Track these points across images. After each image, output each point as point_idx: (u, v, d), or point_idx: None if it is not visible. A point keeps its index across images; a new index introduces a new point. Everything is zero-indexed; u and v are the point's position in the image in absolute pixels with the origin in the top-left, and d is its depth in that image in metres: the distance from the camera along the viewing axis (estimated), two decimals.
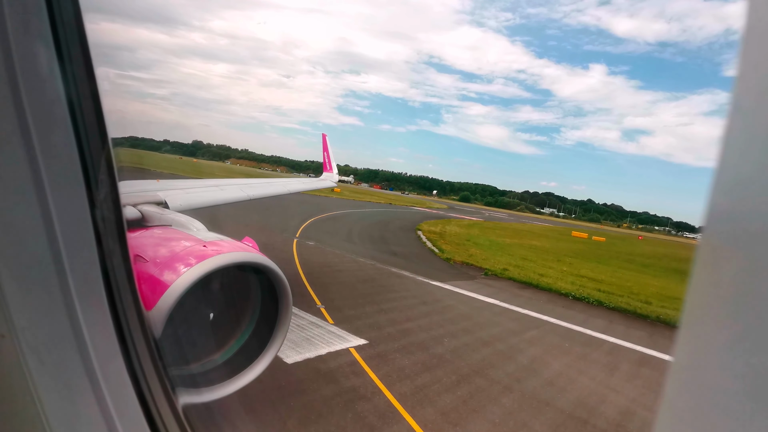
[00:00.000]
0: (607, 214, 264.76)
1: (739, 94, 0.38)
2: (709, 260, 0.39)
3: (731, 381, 0.37)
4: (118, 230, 0.92)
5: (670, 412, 0.42)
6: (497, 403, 6.15)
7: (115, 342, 0.91)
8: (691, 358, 0.41)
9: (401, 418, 5.35)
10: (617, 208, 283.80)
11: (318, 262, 12.99)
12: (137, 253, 1.68)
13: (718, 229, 0.39)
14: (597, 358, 8.63)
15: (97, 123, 0.85)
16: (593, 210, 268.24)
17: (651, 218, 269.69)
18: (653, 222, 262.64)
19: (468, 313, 10.49)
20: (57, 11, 0.76)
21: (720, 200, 0.39)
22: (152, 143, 22.78)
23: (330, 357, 6.74)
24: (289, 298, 1.92)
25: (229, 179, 5.92)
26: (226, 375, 1.76)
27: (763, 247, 0.35)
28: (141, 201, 2.69)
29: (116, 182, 0.91)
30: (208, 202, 4.39)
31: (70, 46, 0.79)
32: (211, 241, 1.87)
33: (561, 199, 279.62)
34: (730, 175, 0.38)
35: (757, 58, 0.37)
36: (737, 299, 0.37)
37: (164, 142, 39.13)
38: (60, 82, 0.77)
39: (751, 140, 0.37)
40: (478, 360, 7.69)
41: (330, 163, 11.68)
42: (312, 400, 5.38)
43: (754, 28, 0.37)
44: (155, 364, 1.04)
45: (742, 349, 0.37)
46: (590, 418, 6.17)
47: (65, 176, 0.79)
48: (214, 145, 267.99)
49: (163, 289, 1.50)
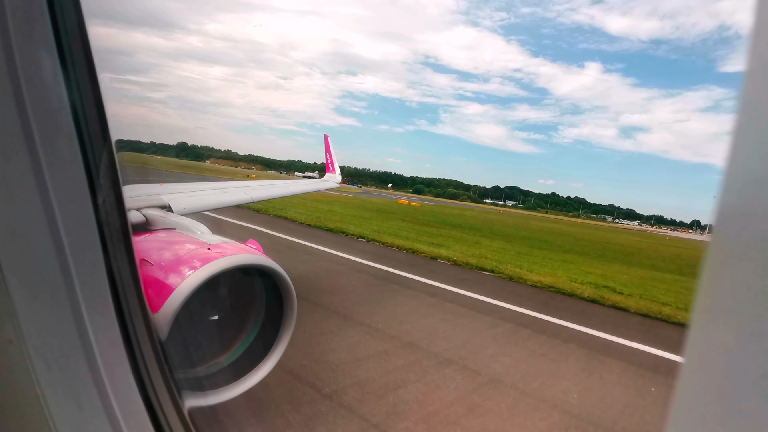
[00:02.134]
0: (563, 205, 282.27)
1: (749, 89, 0.37)
2: (720, 259, 0.39)
3: (742, 382, 0.37)
4: (123, 234, 0.92)
5: (681, 413, 0.41)
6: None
7: (122, 346, 0.91)
8: (701, 359, 0.40)
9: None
10: (581, 200, 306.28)
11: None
12: (142, 257, 1.69)
13: (728, 228, 0.38)
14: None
15: (101, 128, 0.85)
16: (554, 202, 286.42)
17: (606, 209, 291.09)
18: (607, 212, 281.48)
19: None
20: (60, 17, 0.76)
21: (730, 199, 0.38)
22: (140, 145, 23.21)
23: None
24: (293, 300, 1.92)
25: (232, 182, 5.93)
26: (232, 377, 1.77)
27: None
28: (145, 205, 2.70)
29: (120, 187, 0.91)
30: (212, 204, 4.40)
31: (73, 52, 0.79)
32: (216, 243, 1.87)
33: (525, 193, 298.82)
34: (740, 173, 0.37)
35: (766, 54, 0.36)
36: (748, 299, 0.36)
37: (150, 144, 39.43)
38: (63, 87, 0.77)
39: (760, 138, 0.36)
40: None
41: (332, 164, 11.68)
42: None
43: (764, 22, 0.36)
44: (161, 367, 1.04)
45: (753, 350, 0.36)
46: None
47: (70, 182, 0.79)
48: (198, 146, 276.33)
49: (168, 293, 1.51)
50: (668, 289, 12.70)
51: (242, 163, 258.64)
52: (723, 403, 0.38)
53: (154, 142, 13.32)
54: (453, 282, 9.76)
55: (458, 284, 9.62)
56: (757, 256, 0.36)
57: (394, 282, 9.25)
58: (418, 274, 10.20)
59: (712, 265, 0.39)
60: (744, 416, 0.37)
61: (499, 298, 8.83)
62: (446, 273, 10.81)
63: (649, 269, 18.58)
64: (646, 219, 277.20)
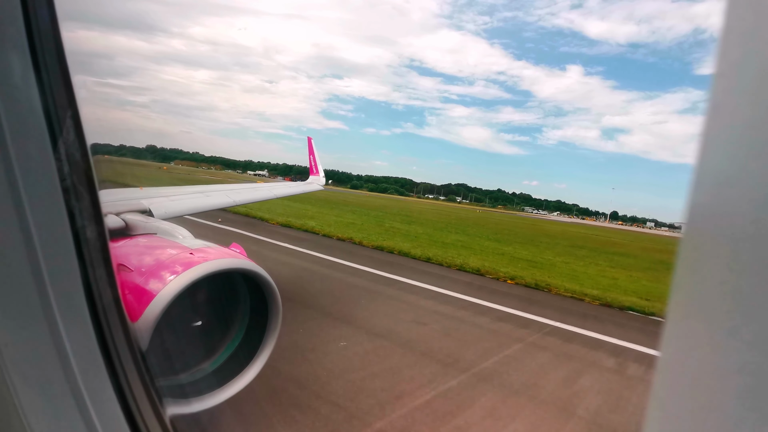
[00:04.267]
0: (507, 200, 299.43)
1: (717, 91, 0.39)
2: (691, 256, 0.40)
3: (716, 376, 0.38)
4: (100, 240, 0.90)
5: (658, 409, 0.42)
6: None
7: (99, 354, 0.89)
8: (676, 355, 0.41)
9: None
10: (526, 196, 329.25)
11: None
12: (121, 263, 1.65)
13: (699, 225, 0.39)
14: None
15: (75, 131, 0.83)
16: (500, 198, 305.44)
17: (552, 204, 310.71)
18: (560, 209, 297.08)
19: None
20: (33, 20, 0.74)
21: (700, 197, 0.39)
22: (109, 148, 23.13)
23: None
24: (278, 304, 1.90)
25: (215, 185, 5.85)
26: (216, 384, 1.74)
27: (742, 244, 0.36)
28: (124, 209, 2.64)
29: (97, 191, 0.89)
30: (194, 208, 4.34)
31: (46, 55, 0.77)
32: (198, 248, 1.85)
33: (473, 190, 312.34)
34: (709, 172, 0.39)
35: (735, 56, 0.37)
36: (719, 295, 0.38)
37: (120, 147, 38.48)
38: (36, 90, 0.75)
39: (729, 138, 0.37)
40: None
41: (316, 167, 11.59)
42: None
43: (733, 26, 0.37)
44: (141, 375, 1.02)
45: (726, 345, 0.37)
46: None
47: (43, 187, 0.77)
48: (167, 149, 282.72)
49: (149, 299, 1.48)
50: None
51: (203, 165, 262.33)
52: (698, 397, 0.39)
53: (123, 145, 12.95)
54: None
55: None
56: (726, 252, 0.37)
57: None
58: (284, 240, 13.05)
59: (685, 262, 0.40)
60: (718, 410, 0.38)
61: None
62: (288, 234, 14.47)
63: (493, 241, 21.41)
64: (593, 214, 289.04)
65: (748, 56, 0.36)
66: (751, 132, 0.36)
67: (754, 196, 0.35)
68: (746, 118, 0.36)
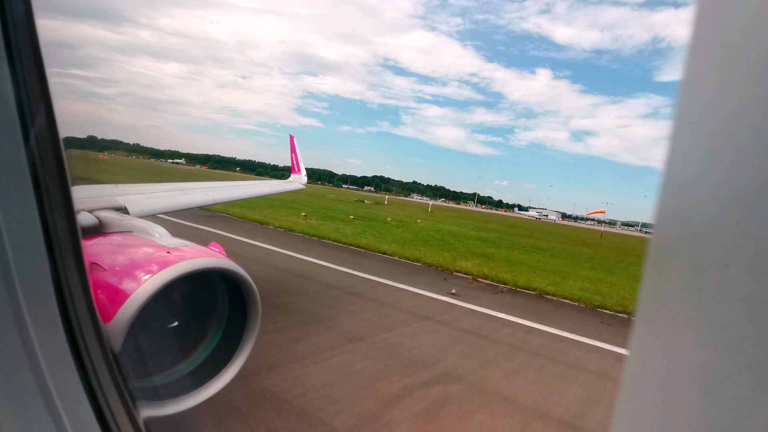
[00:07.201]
0: (422, 191, 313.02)
1: (684, 97, 0.40)
2: (659, 258, 0.41)
3: (682, 372, 0.39)
4: (71, 237, 0.87)
5: (626, 406, 0.44)
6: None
7: (70, 356, 0.86)
8: (644, 352, 0.43)
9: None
10: (440, 188, 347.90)
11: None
12: (94, 262, 1.60)
13: (666, 228, 0.41)
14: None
15: (48, 125, 0.80)
16: (415, 189, 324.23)
17: (468, 196, 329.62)
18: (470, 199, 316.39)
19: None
20: (8, 8, 0.72)
21: (667, 201, 0.41)
22: (89, 142, 22.78)
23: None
24: (257, 304, 1.88)
25: (194, 183, 5.72)
26: (192, 386, 1.71)
27: (707, 246, 0.38)
28: (98, 206, 2.56)
29: (69, 187, 0.86)
30: (172, 206, 4.24)
31: (20, 44, 0.74)
32: (175, 247, 1.80)
33: (386, 181, 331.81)
34: (676, 175, 0.40)
35: (701, 64, 0.39)
36: (685, 295, 0.39)
37: (75, 139, 37.57)
38: (9, 82, 0.73)
39: (695, 143, 0.39)
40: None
41: (298, 165, 11.48)
42: None
43: (700, 35, 0.39)
44: (114, 377, 0.99)
45: (691, 343, 0.39)
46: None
47: (12, 181, 0.74)
48: (131, 144, 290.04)
49: (123, 299, 1.44)
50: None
51: (162, 159, 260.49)
52: (665, 392, 0.41)
53: (77, 137, 12.84)
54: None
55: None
56: (692, 254, 0.39)
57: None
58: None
59: (653, 263, 0.42)
60: (684, 404, 0.39)
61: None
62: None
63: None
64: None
65: (713, 66, 0.38)
66: (714, 138, 0.37)
67: (716, 198, 0.37)
68: (710, 125, 0.38)
